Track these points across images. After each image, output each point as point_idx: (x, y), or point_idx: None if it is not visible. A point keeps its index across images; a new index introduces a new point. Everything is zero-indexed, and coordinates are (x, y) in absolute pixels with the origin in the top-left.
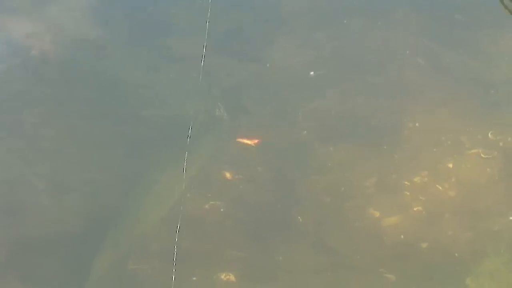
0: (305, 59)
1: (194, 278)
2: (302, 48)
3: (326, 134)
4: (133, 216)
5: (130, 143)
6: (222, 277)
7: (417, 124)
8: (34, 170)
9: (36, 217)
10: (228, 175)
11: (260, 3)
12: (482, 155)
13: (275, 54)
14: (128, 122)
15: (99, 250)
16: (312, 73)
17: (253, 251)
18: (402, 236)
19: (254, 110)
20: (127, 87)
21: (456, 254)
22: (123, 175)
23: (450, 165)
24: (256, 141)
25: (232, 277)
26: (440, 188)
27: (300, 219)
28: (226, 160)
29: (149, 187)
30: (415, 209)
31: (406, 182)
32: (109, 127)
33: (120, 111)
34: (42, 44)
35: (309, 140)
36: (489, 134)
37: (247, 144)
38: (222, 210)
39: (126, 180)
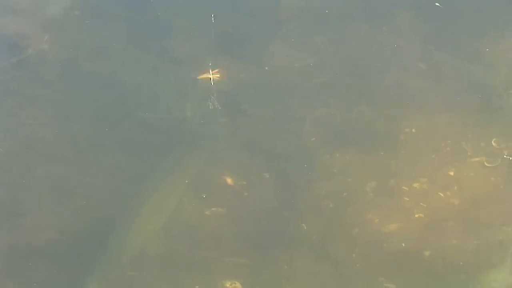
0: (306, 64)
1: (197, 287)
2: (302, 51)
3: (329, 139)
4: (132, 221)
5: (130, 146)
6: (228, 285)
7: (413, 130)
8: (32, 174)
9: (35, 222)
10: (229, 180)
11: (258, 6)
12: (486, 164)
13: (274, 57)
14: (127, 124)
15: (98, 256)
16: None
17: (257, 259)
18: (403, 244)
19: (253, 114)
20: (126, 89)
21: (461, 263)
22: (123, 179)
23: (452, 173)
24: (216, 72)
25: (238, 285)
26: (442, 195)
27: (305, 227)
28: (228, 165)
29: (149, 192)
30: (416, 215)
31: (404, 188)
32: (108, 129)
33: (119, 113)
34: (39, 44)
35: (312, 146)
36: (493, 142)
37: (208, 78)
38: (224, 216)
39: (125, 184)
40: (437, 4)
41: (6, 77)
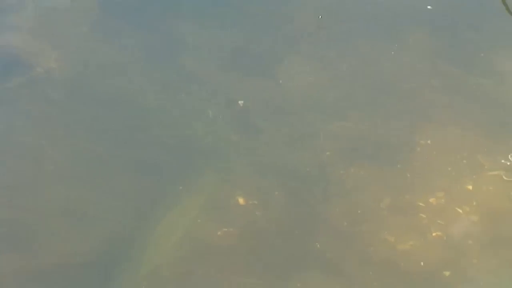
0: (320, 79)
1: None
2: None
3: (343, 155)
4: (145, 242)
5: (141, 166)
6: None
7: (429, 142)
8: (42, 195)
9: (45, 245)
10: (241, 200)
11: (271, 21)
12: (504, 177)
13: (288, 73)
14: (139, 144)
15: (111, 278)
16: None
17: (271, 279)
18: (421, 263)
19: (267, 131)
20: (136, 107)
21: (481, 284)
22: (134, 200)
23: (470, 187)
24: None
25: None
26: (461, 211)
27: (318, 246)
28: (240, 184)
29: (161, 212)
30: (434, 234)
31: (421, 203)
32: (119, 149)
33: (130, 133)
34: (47, 62)
35: (327, 162)
36: (510, 156)
37: None
38: (235, 237)
39: (137, 205)
40: (429, 7)
41: (15, 96)
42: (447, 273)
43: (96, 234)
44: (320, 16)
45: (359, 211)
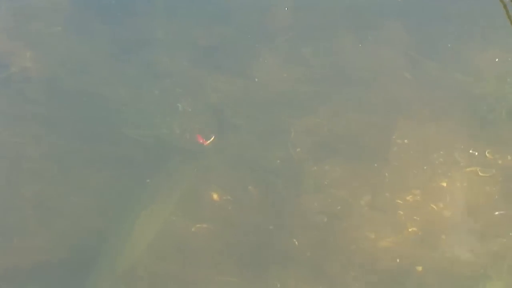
0: (293, 75)
1: None
2: (289, 63)
3: (318, 151)
4: (120, 240)
5: (115, 164)
6: None
7: (406, 141)
8: (18, 193)
9: (22, 243)
10: (215, 196)
11: (244, 18)
12: (480, 173)
13: (262, 69)
14: (113, 141)
15: (86, 276)
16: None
17: (248, 277)
18: (397, 260)
19: (243, 127)
20: (112, 105)
21: (455, 277)
22: (109, 198)
23: (444, 184)
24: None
25: None
26: (435, 207)
27: (296, 243)
28: (214, 180)
29: (135, 210)
30: (410, 229)
31: (399, 201)
32: (93, 147)
33: (104, 130)
34: (23, 61)
35: (301, 158)
36: (486, 153)
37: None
38: (210, 233)
39: (111, 203)
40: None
41: None
42: (419, 268)
43: (71, 233)
44: (286, 8)
45: (338, 207)
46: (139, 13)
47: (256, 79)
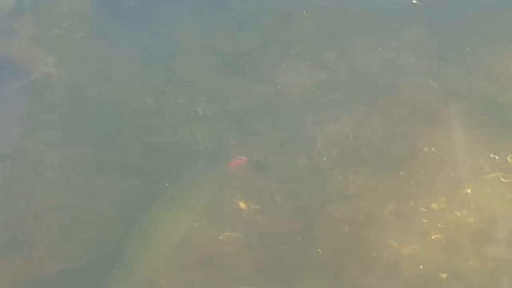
0: (316, 81)
1: None
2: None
3: (343, 160)
4: (143, 248)
5: (138, 171)
6: None
7: (433, 149)
8: (40, 201)
9: (44, 252)
10: (242, 205)
11: (267, 24)
12: (502, 180)
13: (284, 75)
14: (136, 149)
15: (109, 285)
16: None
17: (273, 286)
18: (421, 267)
19: (266, 135)
20: (134, 112)
21: (480, 285)
22: (131, 205)
23: (469, 190)
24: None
25: None
26: (459, 214)
27: (320, 252)
28: (240, 189)
29: (158, 218)
30: (433, 237)
31: (423, 209)
32: (116, 154)
33: (127, 137)
34: (45, 67)
35: (326, 167)
36: (508, 158)
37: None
38: (237, 242)
39: (135, 211)
40: (414, 1)
41: (12, 102)
42: (444, 275)
43: (93, 241)
44: (304, 12)
45: (360, 217)
46: (163, 19)
47: (279, 86)
